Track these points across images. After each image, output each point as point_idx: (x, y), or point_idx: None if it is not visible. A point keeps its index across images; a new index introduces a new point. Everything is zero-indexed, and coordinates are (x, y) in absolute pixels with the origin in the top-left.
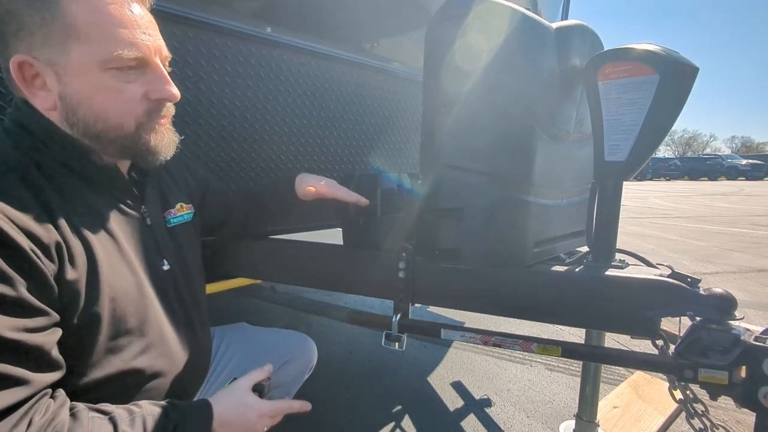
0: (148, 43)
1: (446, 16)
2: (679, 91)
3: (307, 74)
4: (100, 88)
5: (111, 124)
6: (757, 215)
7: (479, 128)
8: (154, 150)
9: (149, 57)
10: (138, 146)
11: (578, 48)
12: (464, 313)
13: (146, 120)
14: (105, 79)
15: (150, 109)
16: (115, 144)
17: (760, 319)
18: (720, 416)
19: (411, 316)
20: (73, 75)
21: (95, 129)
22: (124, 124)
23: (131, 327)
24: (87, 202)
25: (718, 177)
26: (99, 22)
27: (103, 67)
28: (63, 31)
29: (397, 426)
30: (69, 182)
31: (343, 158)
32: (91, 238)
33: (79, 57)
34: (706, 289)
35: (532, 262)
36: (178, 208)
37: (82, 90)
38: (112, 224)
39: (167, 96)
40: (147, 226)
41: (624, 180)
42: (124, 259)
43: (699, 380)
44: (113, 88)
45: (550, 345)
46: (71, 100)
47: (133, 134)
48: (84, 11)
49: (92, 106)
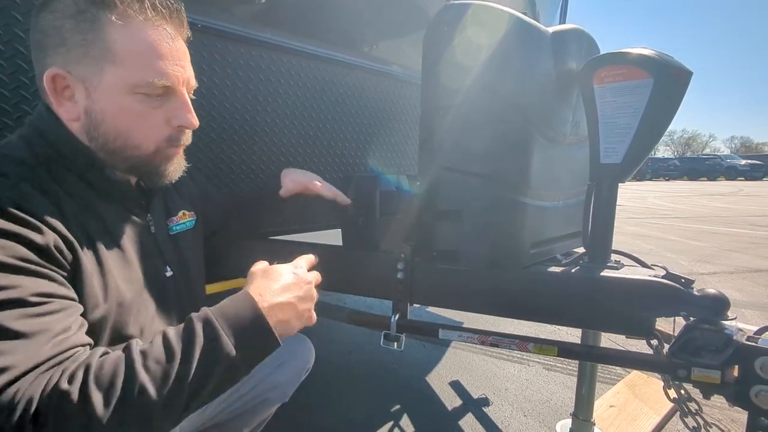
0: (178, 74)
1: (444, 19)
2: (673, 95)
3: (306, 77)
4: (126, 110)
5: (130, 143)
6: (755, 215)
7: (477, 131)
8: (162, 173)
9: (177, 86)
10: (149, 167)
11: (574, 52)
12: (462, 313)
13: (165, 145)
14: (132, 102)
15: (170, 135)
16: (128, 162)
17: (757, 319)
18: (715, 415)
19: (409, 317)
20: (103, 93)
21: (113, 145)
22: (142, 146)
23: (132, 333)
24: (96, 209)
25: (717, 177)
26: (136, 51)
27: (132, 91)
28: (101, 53)
29: (396, 425)
30: (81, 191)
31: (342, 160)
32: (100, 245)
33: (111, 78)
34: (699, 290)
35: (529, 263)
36: (180, 215)
37: (108, 109)
38: (119, 232)
39: (187, 123)
40: (151, 234)
41: (619, 182)
42: (129, 266)
43: (692, 379)
44: (139, 111)
45: (546, 345)
46: (96, 116)
47: (149, 156)
48: (124, 38)
49: (116, 125)
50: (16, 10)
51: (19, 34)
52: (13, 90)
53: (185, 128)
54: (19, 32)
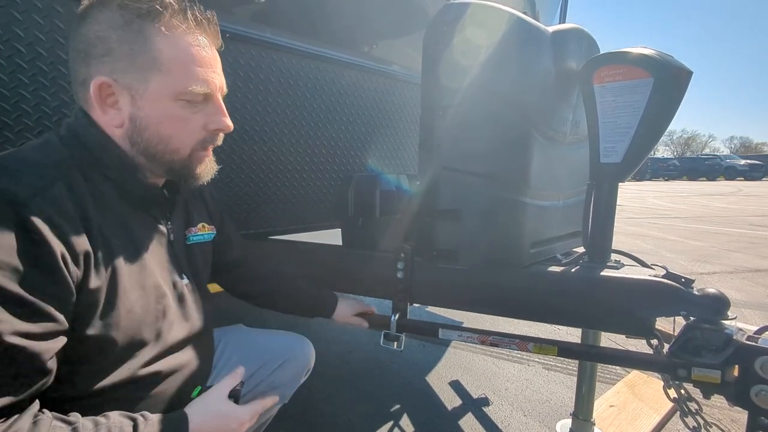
0: (216, 81)
1: (444, 19)
2: (673, 94)
3: (307, 76)
4: (169, 116)
5: (171, 147)
6: (755, 215)
7: (476, 130)
8: (196, 175)
9: (214, 93)
10: (185, 170)
11: (574, 51)
12: (462, 312)
13: (200, 147)
14: (176, 108)
15: (206, 138)
16: (166, 165)
17: (756, 319)
18: (715, 415)
19: (409, 316)
20: (148, 101)
21: (155, 150)
22: (181, 149)
23: (146, 338)
24: (121, 214)
25: (716, 177)
26: (180, 59)
27: (176, 98)
28: (147, 62)
29: (396, 425)
30: (108, 193)
31: (342, 159)
32: (118, 251)
33: (157, 86)
34: (699, 290)
35: (529, 263)
36: (200, 227)
37: (153, 115)
38: (141, 237)
39: (223, 127)
40: (170, 241)
41: (619, 181)
42: (145, 272)
43: (692, 379)
44: (181, 117)
45: (546, 344)
46: (141, 122)
47: (185, 159)
48: (169, 48)
49: (159, 130)
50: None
51: (19, 33)
52: (12, 89)
53: (221, 131)
54: (18, 31)
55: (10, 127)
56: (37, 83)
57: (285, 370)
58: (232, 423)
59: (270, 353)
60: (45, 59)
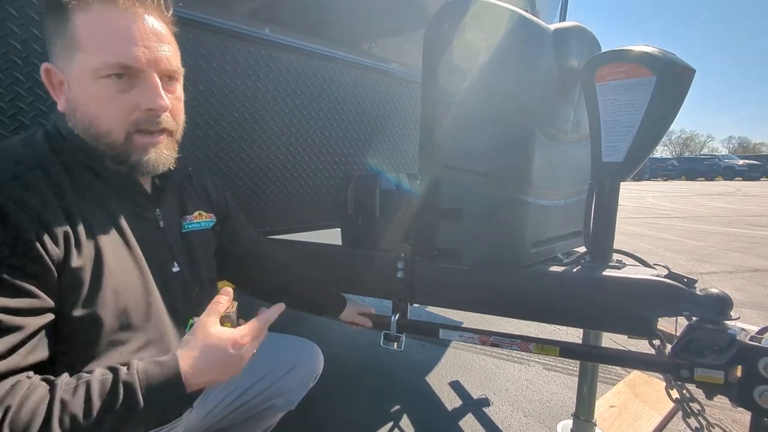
0: (141, 55)
1: (444, 17)
2: (676, 93)
3: (306, 74)
4: (93, 96)
5: (101, 129)
6: (753, 215)
7: (477, 129)
8: (145, 163)
9: (142, 68)
10: (126, 155)
11: (576, 49)
12: (462, 313)
13: (134, 130)
14: (97, 87)
15: (139, 119)
16: (110, 150)
17: (756, 319)
18: (716, 415)
19: (409, 316)
20: (75, 82)
21: (88, 133)
22: (113, 131)
23: (133, 322)
24: (103, 201)
25: (715, 177)
26: (95, 34)
27: (96, 76)
28: (70, 42)
29: (396, 426)
30: (89, 183)
31: (342, 158)
32: (101, 234)
33: (78, 65)
34: (702, 289)
35: (530, 263)
36: (196, 215)
37: (80, 96)
38: (124, 224)
39: (154, 106)
40: (159, 228)
41: (621, 180)
42: (132, 257)
43: (695, 380)
44: (104, 96)
45: (547, 345)
46: (72, 104)
47: (123, 143)
48: (85, 24)
49: (87, 111)
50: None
51: (14, 29)
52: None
53: (154, 111)
54: (14, 27)
55: (6, 125)
56: (32, 81)
57: (293, 375)
58: (229, 347)
59: (279, 358)
60: (42, 57)
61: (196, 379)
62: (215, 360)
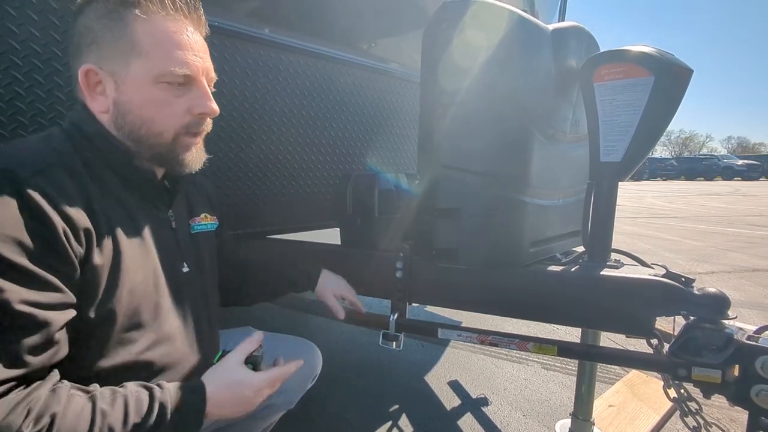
0: (198, 64)
1: (443, 17)
2: (673, 93)
3: (305, 74)
4: (150, 99)
5: (153, 131)
6: (752, 215)
7: (476, 129)
8: (183, 162)
9: (197, 75)
10: (170, 155)
11: (574, 49)
12: (461, 312)
13: (183, 132)
14: (156, 91)
15: (190, 122)
16: (152, 150)
17: (755, 318)
18: (714, 414)
19: (408, 316)
20: (130, 85)
21: (138, 133)
22: (164, 133)
23: (144, 321)
24: (122, 199)
25: (714, 177)
26: (158, 43)
27: (156, 81)
28: (127, 47)
29: (394, 425)
30: (109, 180)
31: (341, 158)
32: (119, 231)
33: (137, 70)
34: (700, 289)
35: (528, 262)
36: (202, 217)
37: (135, 99)
38: (141, 222)
39: (207, 111)
40: (172, 229)
41: (619, 180)
42: (146, 256)
43: (693, 379)
44: (162, 100)
45: (546, 344)
46: (124, 107)
47: (169, 144)
48: (147, 32)
49: (141, 114)
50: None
51: (13, 29)
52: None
53: (206, 115)
54: (13, 27)
55: (5, 125)
56: (31, 80)
57: (293, 375)
58: (247, 390)
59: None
60: (39, 56)
61: (214, 410)
62: (235, 399)
